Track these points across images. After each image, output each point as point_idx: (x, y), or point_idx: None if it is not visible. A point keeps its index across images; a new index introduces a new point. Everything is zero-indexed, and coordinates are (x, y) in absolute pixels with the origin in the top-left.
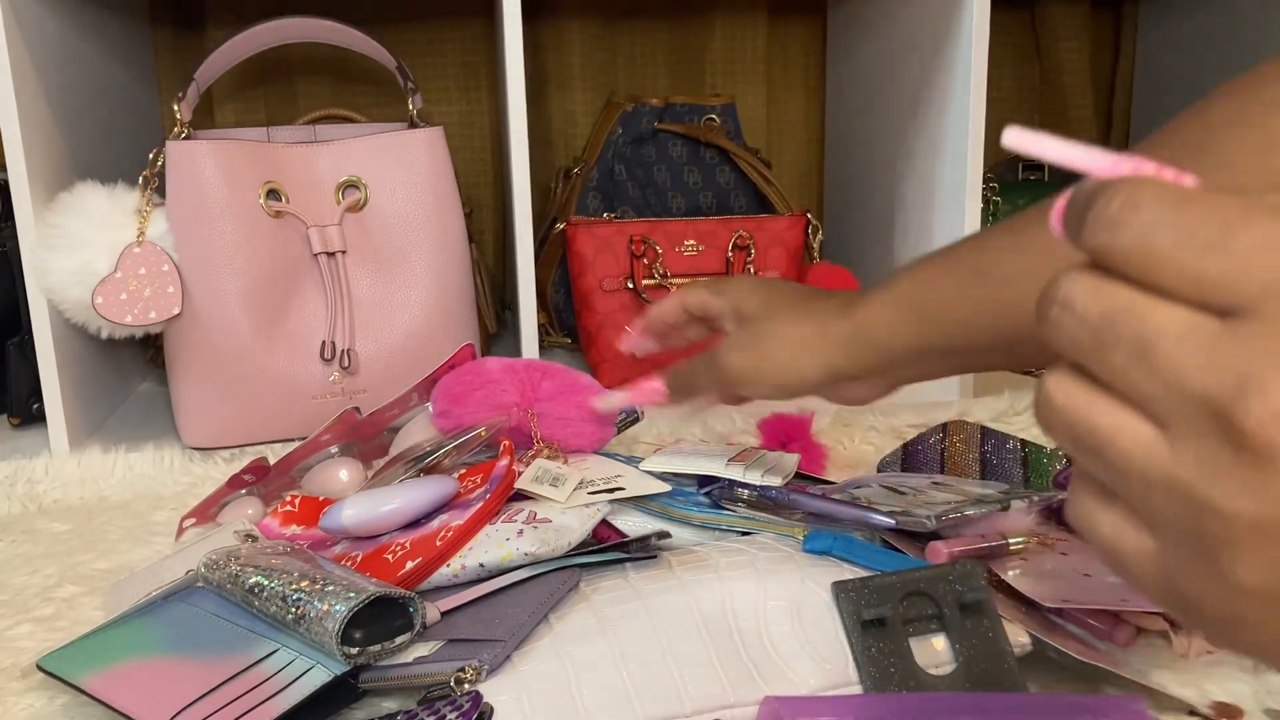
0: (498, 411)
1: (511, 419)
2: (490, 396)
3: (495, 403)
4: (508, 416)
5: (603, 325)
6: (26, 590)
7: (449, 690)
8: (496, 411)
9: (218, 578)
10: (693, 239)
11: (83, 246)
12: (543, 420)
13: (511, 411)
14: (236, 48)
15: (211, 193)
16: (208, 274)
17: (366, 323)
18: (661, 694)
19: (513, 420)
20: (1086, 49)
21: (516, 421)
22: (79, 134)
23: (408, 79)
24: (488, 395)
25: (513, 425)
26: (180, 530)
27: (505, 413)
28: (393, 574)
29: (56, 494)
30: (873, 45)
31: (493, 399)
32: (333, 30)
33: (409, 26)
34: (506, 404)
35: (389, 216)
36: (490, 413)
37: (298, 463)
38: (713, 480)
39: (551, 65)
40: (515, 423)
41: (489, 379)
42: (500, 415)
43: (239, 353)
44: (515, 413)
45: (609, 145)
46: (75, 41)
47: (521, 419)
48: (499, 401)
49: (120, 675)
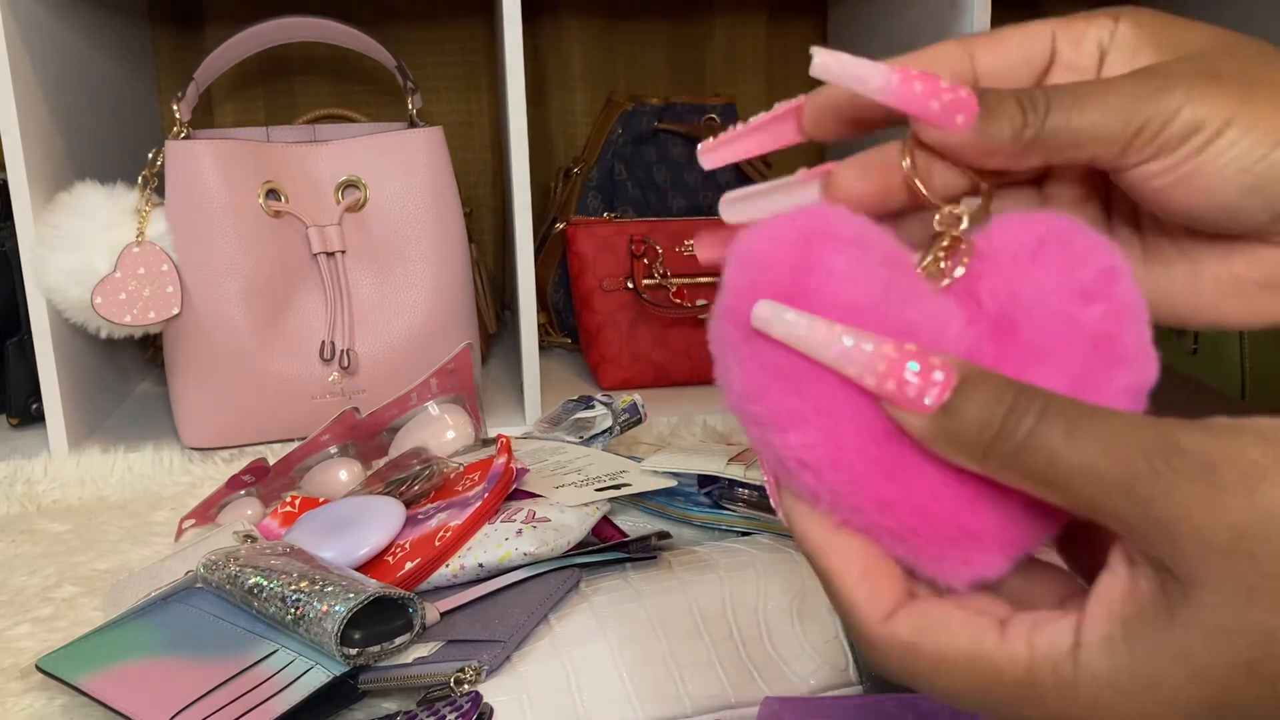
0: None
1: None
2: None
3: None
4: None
5: (603, 325)
6: (26, 590)
7: (449, 691)
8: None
9: (217, 578)
10: (693, 239)
11: (82, 246)
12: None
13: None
14: (236, 47)
15: (211, 192)
16: (207, 274)
17: (366, 323)
18: (661, 694)
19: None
20: None
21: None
22: (78, 134)
23: (407, 79)
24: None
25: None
26: (179, 531)
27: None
28: (392, 574)
29: (56, 494)
30: (873, 45)
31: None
32: (332, 30)
33: (409, 26)
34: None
35: (389, 216)
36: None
37: (297, 463)
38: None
39: (551, 65)
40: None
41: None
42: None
43: (238, 353)
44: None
45: (609, 145)
46: (75, 41)
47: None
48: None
49: (119, 676)
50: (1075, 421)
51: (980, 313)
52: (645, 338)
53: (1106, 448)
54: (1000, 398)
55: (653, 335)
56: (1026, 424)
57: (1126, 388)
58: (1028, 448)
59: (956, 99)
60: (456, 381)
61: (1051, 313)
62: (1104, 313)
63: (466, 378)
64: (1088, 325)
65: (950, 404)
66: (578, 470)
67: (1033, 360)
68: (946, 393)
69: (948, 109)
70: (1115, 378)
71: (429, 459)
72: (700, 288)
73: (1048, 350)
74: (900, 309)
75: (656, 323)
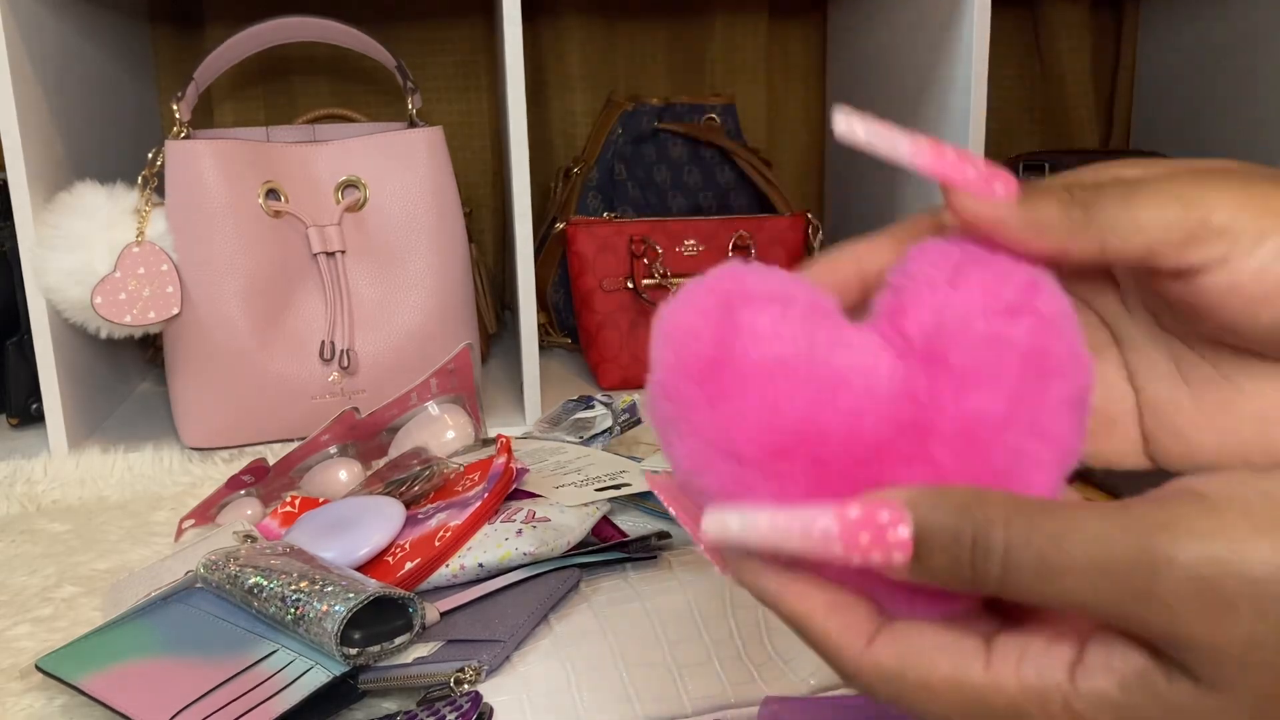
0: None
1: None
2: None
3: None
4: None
5: (603, 325)
6: (25, 590)
7: (448, 691)
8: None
9: (217, 578)
10: (693, 239)
11: (82, 246)
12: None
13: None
14: (236, 47)
15: (211, 192)
16: (207, 274)
17: (366, 323)
18: (661, 694)
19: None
20: (1086, 49)
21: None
22: (78, 134)
23: (407, 78)
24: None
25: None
26: (179, 531)
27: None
28: (392, 574)
29: (55, 494)
30: (873, 45)
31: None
32: (332, 30)
33: (409, 26)
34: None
35: (388, 216)
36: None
37: (297, 463)
38: None
39: (551, 65)
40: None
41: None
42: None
43: (238, 353)
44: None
45: (609, 145)
46: (75, 41)
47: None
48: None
49: (119, 676)
50: (1045, 555)
51: (909, 346)
52: (645, 338)
53: (1088, 572)
54: (958, 539)
55: None
56: (995, 557)
57: (1065, 399)
58: (1009, 578)
59: (994, 171)
60: (456, 381)
61: (979, 335)
62: (1031, 326)
63: (466, 378)
64: (1017, 341)
65: (917, 555)
66: (578, 470)
67: (967, 386)
68: (908, 547)
69: (985, 177)
70: (1052, 390)
71: (429, 459)
72: None
73: (981, 373)
74: (828, 357)
75: None
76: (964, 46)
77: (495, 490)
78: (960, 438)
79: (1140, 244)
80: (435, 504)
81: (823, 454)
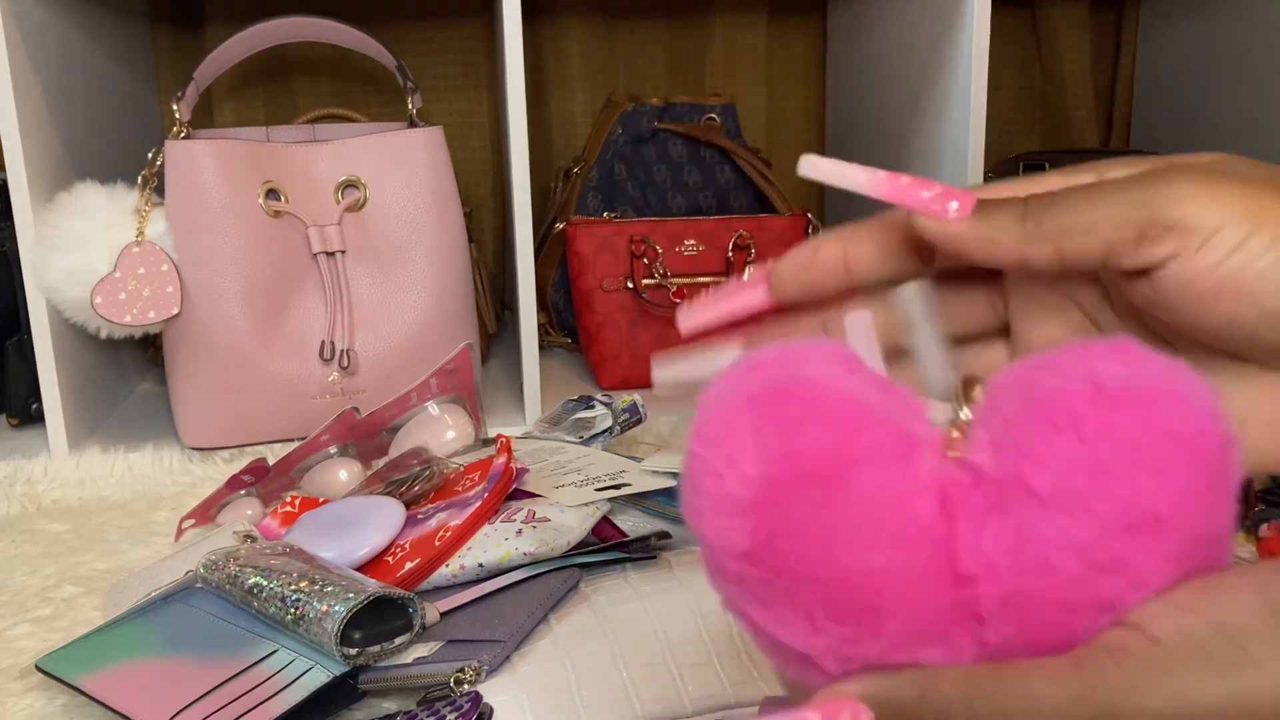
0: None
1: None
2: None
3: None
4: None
5: (603, 325)
6: (25, 590)
7: (449, 691)
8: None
9: (217, 578)
10: (693, 239)
11: (82, 246)
12: None
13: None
14: (236, 47)
15: (211, 192)
16: (207, 274)
17: (366, 323)
18: (661, 694)
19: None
20: (1087, 49)
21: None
22: (78, 134)
23: (407, 78)
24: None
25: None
26: (179, 531)
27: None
28: (392, 574)
29: (55, 494)
30: (873, 45)
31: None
32: (332, 30)
33: (409, 26)
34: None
35: (388, 216)
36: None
37: (297, 463)
38: None
39: (551, 65)
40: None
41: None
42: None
43: (238, 353)
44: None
45: (609, 145)
46: (75, 41)
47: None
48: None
49: (119, 676)
50: (1006, 711)
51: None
52: (645, 338)
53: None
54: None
55: (653, 335)
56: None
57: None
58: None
59: (949, 191)
60: (456, 381)
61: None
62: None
63: (466, 378)
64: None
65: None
66: (578, 470)
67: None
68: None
69: (939, 198)
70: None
71: (429, 459)
72: (700, 288)
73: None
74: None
75: (656, 323)
76: (964, 46)
77: (495, 490)
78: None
79: (1095, 245)
80: (435, 504)
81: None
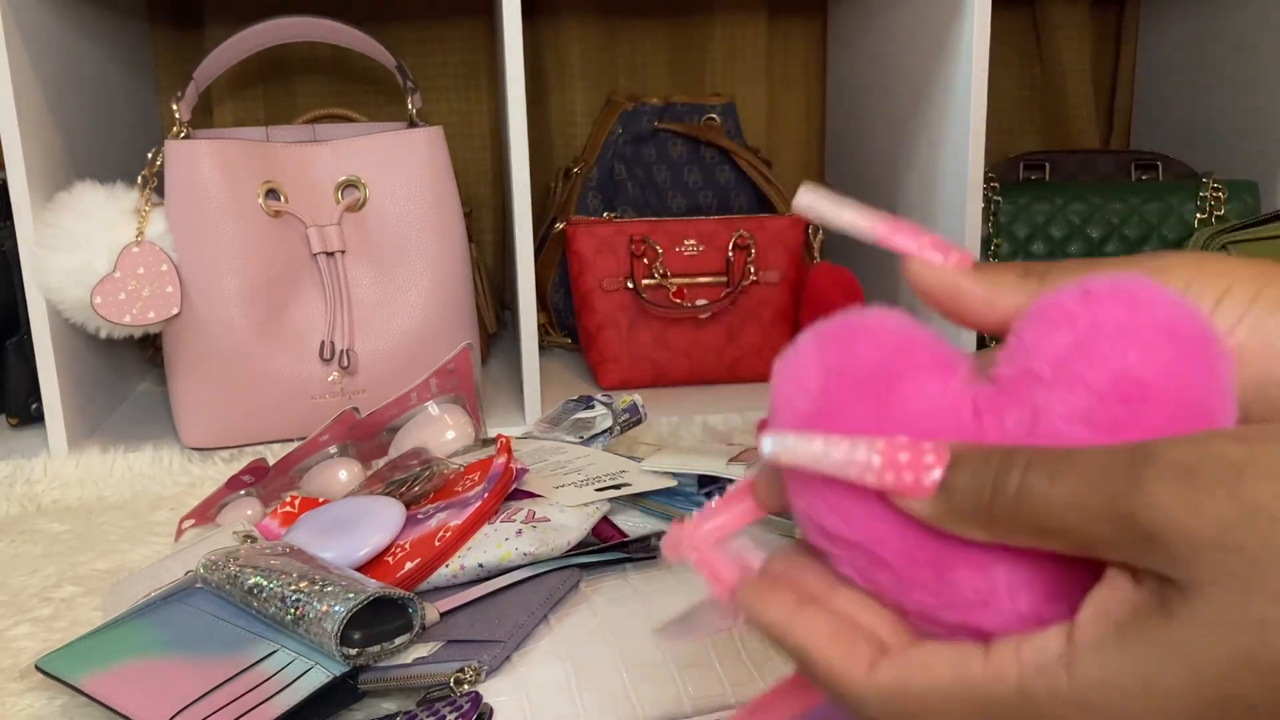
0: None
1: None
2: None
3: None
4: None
5: (603, 325)
6: (25, 591)
7: (448, 691)
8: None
9: (217, 578)
10: (693, 238)
11: (81, 246)
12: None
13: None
14: (236, 47)
15: (210, 192)
16: (206, 274)
17: (366, 323)
18: (661, 694)
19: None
20: (1087, 49)
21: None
22: (78, 133)
23: (407, 78)
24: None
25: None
26: (179, 531)
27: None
28: (392, 574)
29: (55, 494)
30: (873, 44)
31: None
32: (332, 30)
33: (409, 26)
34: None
35: (388, 216)
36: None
37: (297, 463)
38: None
39: (551, 65)
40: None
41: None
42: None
43: (238, 353)
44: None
45: (609, 145)
46: (75, 41)
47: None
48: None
49: (119, 676)
50: (1056, 464)
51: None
52: (645, 338)
53: (1086, 476)
54: (987, 462)
55: (653, 335)
56: (1014, 479)
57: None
58: (1022, 501)
59: (950, 244)
60: (456, 381)
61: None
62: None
63: (466, 378)
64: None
65: (946, 482)
66: (578, 470)
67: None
68: (939, 471)
69: (940, 247)
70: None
71: (429, 459)
72: (700, 287)
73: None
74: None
75: (656, 323)
76: (964, 46)
77: (495, 490)
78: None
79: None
80: (435, 504)
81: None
